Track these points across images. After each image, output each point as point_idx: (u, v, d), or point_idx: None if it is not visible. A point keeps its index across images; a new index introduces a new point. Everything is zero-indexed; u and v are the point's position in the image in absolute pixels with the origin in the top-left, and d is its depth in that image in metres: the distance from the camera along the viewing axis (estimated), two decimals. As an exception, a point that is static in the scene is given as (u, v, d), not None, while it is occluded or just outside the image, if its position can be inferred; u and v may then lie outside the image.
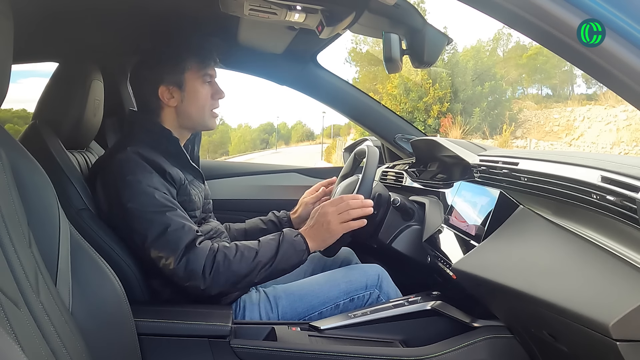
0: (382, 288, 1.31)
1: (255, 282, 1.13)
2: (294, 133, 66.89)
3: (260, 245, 1.13)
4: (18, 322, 0.62)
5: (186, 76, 1.23)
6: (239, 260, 1.10)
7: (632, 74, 0.65)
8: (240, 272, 1.09)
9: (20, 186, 0.78)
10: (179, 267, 1.06)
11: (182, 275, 1.07)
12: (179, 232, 1.08)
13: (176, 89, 1.23)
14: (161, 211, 1.09)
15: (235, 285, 1.11)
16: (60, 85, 1.29)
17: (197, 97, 1.24)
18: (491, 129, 16.21)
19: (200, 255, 1.08)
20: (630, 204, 0.69)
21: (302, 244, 1.15)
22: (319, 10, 1.10)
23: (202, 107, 1.25)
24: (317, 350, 1.05)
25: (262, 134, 63.82)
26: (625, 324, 0.63)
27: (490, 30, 63.25)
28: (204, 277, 1.07)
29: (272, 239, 1.15)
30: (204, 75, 1.24)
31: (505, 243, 0.96)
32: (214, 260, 1.08)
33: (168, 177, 1.15)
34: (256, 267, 1.10)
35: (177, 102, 1.23)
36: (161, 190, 1.11)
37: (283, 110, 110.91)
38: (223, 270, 1.08)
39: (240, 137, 57.55)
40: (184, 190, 1.19)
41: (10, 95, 0.83)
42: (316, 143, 41.38)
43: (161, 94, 1.22)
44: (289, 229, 1.20)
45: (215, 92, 1.27)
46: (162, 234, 1.07)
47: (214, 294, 1.10)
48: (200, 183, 1.33)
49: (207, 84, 1.25)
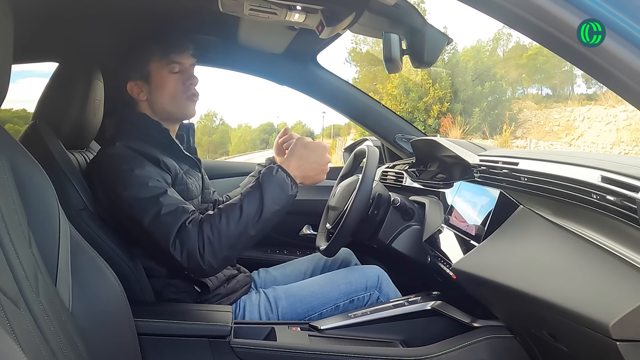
0: (382, 289, 1.31)
1: (252, 235, 1.05)
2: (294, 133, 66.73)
3: (243, 199, 1.07)
4: (18, 322, 0.62)
5: (150, 68, 1.21)
6: (225, 223, 1.03)
7: (632, 74, 0.65)
8: (231, 234, 1.03)
9: (20, 186, 0.78)
10: (175, 252, 1.03)
11: (181, 259, 1.04)
12: (172, 216, 1.04)
13: (143, 83, 1.22)
14: (154, 196, 1.06)
15: (234, 249, 1.05)
16: (60, 85, 1.29)
17: (164, 87, 1.22)
18: (491, 129, 16.20)
19: (192, 235, 1.03)
20: (630, 204, 0.69)
21: (285, 176, 1.07)
22: (319, 10, 1.10)
23: (172, 96, 1.22)
24: (317, 350, 1.05)
25: (262, 134, 63.78)
26: (625, 324, 0.63)
27: (490, 30, 63.24)
28: (201, 255, 1.02)
29: (252, 186, 1.09)
30: (169, 64, 1.21)
31: (505, 243, 0.96)
32: (203, 234, 1.03)
33: (162, 166, 1.13)
34: (247, 223, 1.04)
35: (147, 96, 1.22)
36: (154, 178, 1.09)
37: (283, 110, 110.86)
38: (215, 240, 1.03)
39: (240, 137, 57.52)
40: (180, 180, 1.18)
41: (10, 95, 0.83)
42: (316, 143, 41.24)
43: (130, 90, 1.23)
44: (267, 167, 1.12)
45: (186, 79, 1.23)
46: (156, 218, 1.05)
47: (219, 266, 1.06)
48: (197, 172, 1.32)
49: (175, 73, 1.22)
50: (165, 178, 1.13)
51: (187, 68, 1.24)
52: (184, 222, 1.04)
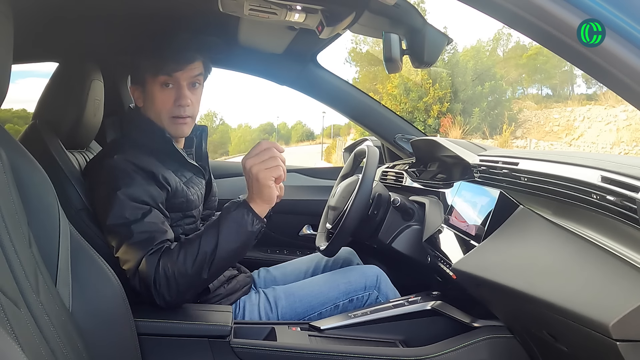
0: (381, 289, 1.31)
1: (207, 278, 1.02)
2: (294, 133, 66.87)
3: (202, 233, 1.03)
4: (18, 322, 0.62)
5: (146, 78, 1.16)
6: (182, 259, 1.00)
7: (632, 74, 0.65)
8: (186, 272, 0.99)
9: (20, 186, 0.78)
10: (134, 281, 1.02)
11: (140, 291, 1.02)
12: (137, 246, 1.01)
13: (139, 89, 1.19)
14: (127, 223, 1.03)
15: (189, 287, 1.02)
16: (60, 85, 1.29)
17: (153, 101, 1.16)
18: (491, 129, 16.21)
19: (150, 268, 0.99)
20: (630, 204, 0.69)
21: (244, 213, 1.02)
22: (319, 10, 1.10)
23: (158, 113, 1.16)
24: (317, 350, 1.05)
25: (262, 134, 63.77)
26: (625, 324, 0.63)
27: (490, 30, 63.25)
28: (157, 289, 1.00)
29: (210, 222, 1.05)
30: (162, 78, 1.14)
31: (505, 243, 0.96)
32: (160, 269, 0.99)
33: (161, 179, 1.10)
34: (202, 260, 1.00)
35: (142, 103, 1.20)
36: (138, 200, 1.05)
37: (283, 110, 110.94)
38: (171, 277, 0.99)
39: (240, 137, 57.53)
40: (180, 193, 1.15)
41: (10, 95, 0.83)
42: (316, 143, 41.32)
43: (131, 93, 1.22)
44: (232, 201, 1.07)
45: (177, 97, 1.15)
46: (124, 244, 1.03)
47: (175, 303, 1.03)
48: (201, 179, 1.28)
49: (167, 88, 1.15)
50: (154, 196, 1.08)
51: (182, 85, 1.15)
52: (146, 253, 1.01)
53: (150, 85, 1.16)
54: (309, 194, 1.97)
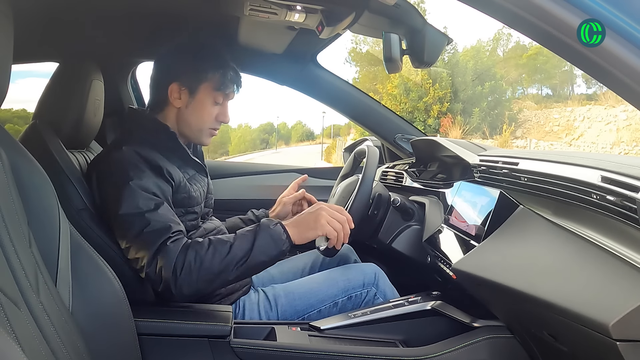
0: (379, 286, 1.31)
1: (229, 279, 1.05)
2: (294, 133, 66.88)
3: (236, 238, 1.06)
4: (18, 322, 0.62)
5: (202, 87, 1.20)
6: (211, 255, 1.02)
7: (632, 74, 0.65)
8: (212, 269, 1.02)
9: (20, 186, 0.78)
10: (150, 269, 1.02)
11: (154, 278, 1.02)
12: (155, 234, 1.03)
13: (186, 92, 1.20)
14: (142, 212, 1.04)
15: (209, 283, 1.04)
16: (60, 85, 1.29)
17: (202, 110, 1.21)
18: (491, 129, 16.21)
19: (171, 255, 1.01)
20: (630, 204, 0.69)
21: (282, 233, 1.06)
22: (319, 10, 1.10)
23: (202, 122, 1.22)
24: (317, 350, 1.05)
25: (262, 134, 63.82)
26: (625, 324, 0.63)
27: (490, 30, 63.21)
28: (175, 277, 1.01)
29: (248, 230, 1.08)
30: (218, 96, 1.21)
31: (505, 243, 0.96)
32: (185, 258, 1.01)
33: (166, 174, 1.12)
34: (231, 262, 1.03)
35: (181, 105, 1.21)
36: (149, 191, 1.08)
37: (283, 110, 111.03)
38: (194, 268, 1.01)
39: (240, 137, 57.56)
40: (183, 188, 1.17)
41: (10, 95, 0.83)
42: (316, 143, 41.36)
43: (170, 91, 1.20)
44: (268, 218, 1.14)
45: (220, 114, 1.24)
46: (139, 234, 1.03)
47: (190, 295, 1.04)
48: (203, 177, 1.31)
49: (217, 104, 1.22)
50: (164, 190, 1.11)
51: (227, 104, 1.25)
52: (165, 240, 1.03)
53: (203, 95, 1.20)
54: (309, 194, 1.97)
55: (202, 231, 1.24)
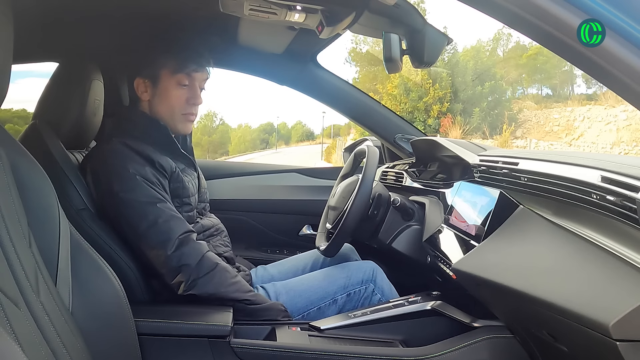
0: (377, 282, 1.32)
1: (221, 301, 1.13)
2: (294, 133, 66.84)
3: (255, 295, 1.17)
4: (18, 322, 0.62)
5: (161, 74, 1.20)
6: (232, 284, 1.13)
7: (632, 74, 0.65)
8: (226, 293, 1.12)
9: (20, 186, 0.78)
10: (172, 257, 1.06)
11: (174, 265, 1.07)
12: (170, 223, 1.08)
13: (150, 84, 1.21)
14: (152, 202, 1.09)
15: (211, 296, 1.12)
16: (60, 85, 1.29)
17: (167, 97, 1.21)
18: (491, 129, 16.20)
19: (196, 252, 1.08)
20: (630, 204, 0.69)
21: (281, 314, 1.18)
22: (319, 10, 1.10)
23: (171, 108, 1.22)
24: (317, 350, 1.05)
25: (262, 134, 63.78)
26: (625, 324, 0.63)
27: (490, 30, 63.19)
28: (197, 274, 1.08)
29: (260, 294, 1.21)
30: (181, 77, 1.20)
31: (505, 243, 0.96)
32: (215, 267, 1.10)
33: (158, 167, 1.14)
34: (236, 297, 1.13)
35: (149, 97, 1.22)
36: (151, 181, 1.11)
37: (283, 110, 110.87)
38: (215, 283, 1.10)
39: (240, 137, 57.51)
40: (176, 178, 1.19)
41: (10, 95, 0.83)
42: (316, 143, 41.35)
43: (136, 86, 1.22)
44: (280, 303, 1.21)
45: (190, 96, 1.22)
46: (154, 224, 1.07)
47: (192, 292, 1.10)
48: (193, 171, 1.33)
49: (183, 87, 1.21)
50: (161, 182, 1.14)
51: (196, 85, 1.23)
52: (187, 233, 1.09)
53: (165, 82, 1.20)
54: (309, 194, 1.97)
55: (200, 227, 1.25)
